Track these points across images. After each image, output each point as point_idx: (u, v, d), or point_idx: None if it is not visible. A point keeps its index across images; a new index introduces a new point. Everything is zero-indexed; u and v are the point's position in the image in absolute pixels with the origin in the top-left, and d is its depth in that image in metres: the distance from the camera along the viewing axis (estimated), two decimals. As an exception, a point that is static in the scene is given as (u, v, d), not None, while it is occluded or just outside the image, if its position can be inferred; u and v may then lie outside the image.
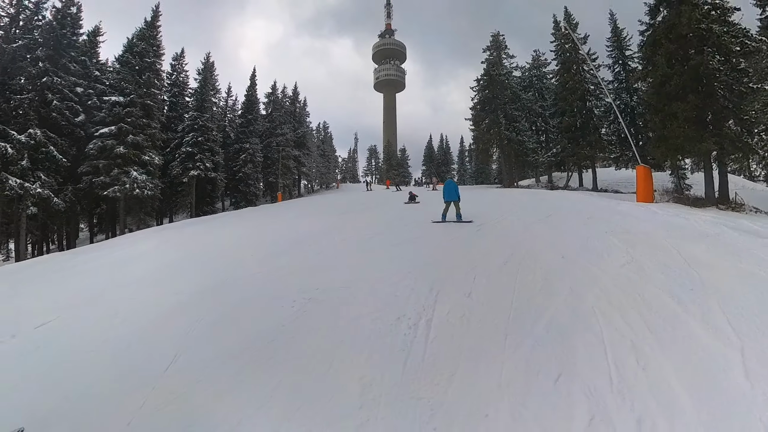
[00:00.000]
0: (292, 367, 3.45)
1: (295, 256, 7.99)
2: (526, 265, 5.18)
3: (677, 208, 10.84)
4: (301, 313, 4.64)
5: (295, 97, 33.87)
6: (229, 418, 2.88)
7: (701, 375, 2.65)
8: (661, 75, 13.54)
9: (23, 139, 19.30)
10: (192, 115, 22.95)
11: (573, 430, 2.20)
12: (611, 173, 23.97)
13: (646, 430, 2.19)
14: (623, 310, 3.63)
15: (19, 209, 19.69)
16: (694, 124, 12.98)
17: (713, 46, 13.11)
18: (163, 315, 5.43)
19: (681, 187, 17.03)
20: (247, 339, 4.14)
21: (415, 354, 3.24)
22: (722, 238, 6.30)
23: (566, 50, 23.93)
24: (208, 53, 26.23)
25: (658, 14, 15.19)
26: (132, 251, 13.25)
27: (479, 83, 26.55)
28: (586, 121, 21.93)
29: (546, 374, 2.72)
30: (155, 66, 21.94)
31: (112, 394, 3.51)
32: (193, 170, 21.89)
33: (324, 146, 40.08)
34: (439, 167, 42.33)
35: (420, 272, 5.34)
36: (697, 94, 13.09)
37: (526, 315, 3.65)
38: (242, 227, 14.54)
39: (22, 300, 8.28)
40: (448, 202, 9.71)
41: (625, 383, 2.58)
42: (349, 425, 2.57)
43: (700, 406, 2.35)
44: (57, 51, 20.11)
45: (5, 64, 19.38)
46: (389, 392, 2.83)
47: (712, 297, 3.85)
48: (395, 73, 79.45)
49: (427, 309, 4.06)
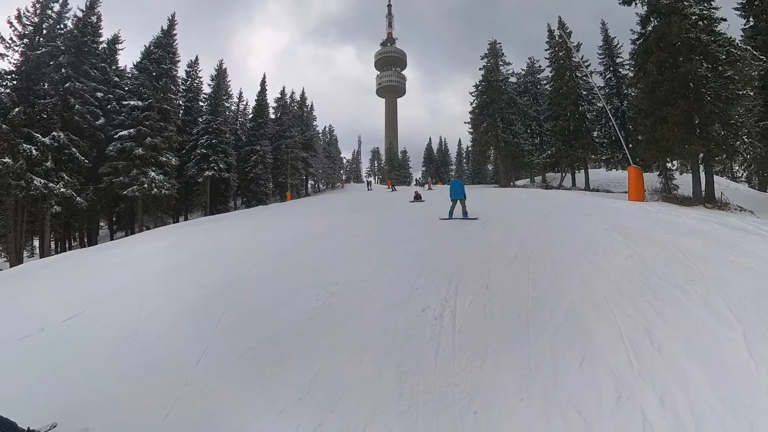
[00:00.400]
0: (325, 358, 3.37)
1: (311, 251, 7.90)
2: (535, 258, 5.25)
3: (667, 207, 10.94)
4: (326, 306, 4.57)
5: (302, 102, 33.91)
6: (269, 411, 2.75)
7: (710, 355, 2.76)
8: (652, 81, 13.61)
9: (47, 142, 19.30)
10: (206, 118, 22.95)
11: (604, 408, 2.29)
12: (602, 174, 24.06)
13: (668, 405, 2.28)
14: (633, 298, 3.73)
15: (44, 208, 19.70)
16: (683, 127, 13.07)
17: (701, 54, 13.17)
18: (188, 309, 5.25)
19: (669, 187, 17.13)
20: (275, 332, 4.04)
21: (445, 343, 3.28)
22: (714, 234, 6.40)
23: (560, 57, 23.98)
24: (220, 60, 26.29)
25: (649, 24, 15.24)
26: (152, 248, 13.22)
27: (477, 88, 26.60)
28: (578, 125, 22.01)
29: (570, 358, 2.80)
30: (171, 72, 21.91)
31: (145, 387, 3.37)
32: (207, 171, 21.92)
33: (330, 148, 40.17)
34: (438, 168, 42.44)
35: (436, 266, 5.38)
36: (685, 100, 13.17)
37: (544, 304, 3.73)
38: (256, 225, 14.43)
39: (49, 294, 8.09)
40: (455, 200, 9.78)
41: (644, 364, 2.68)
42: (392, 413, 2.54)
43: (712, 383, 2.46)
44: (78, 58, 20.08)
45: (30, 70, 19.34)
46: (426, 380, 2.82)
47: (711, 286, 3.95)
48: (396, 80, 79.48)
49: (449, 300, 4.13)
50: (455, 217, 9.54)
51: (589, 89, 22.39)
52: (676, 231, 6.54)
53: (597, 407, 2.30)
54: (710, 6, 14.24)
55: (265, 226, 13.83)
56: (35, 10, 19.47)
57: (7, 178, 17.97)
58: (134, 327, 4.89)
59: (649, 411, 2.24)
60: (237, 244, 11.01)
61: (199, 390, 3.18)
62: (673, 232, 6.46)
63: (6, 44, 19.03)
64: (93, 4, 20.76)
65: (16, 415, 2.72)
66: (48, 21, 19.56)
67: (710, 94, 12.97)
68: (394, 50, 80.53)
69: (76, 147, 20.03)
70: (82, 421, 2.98)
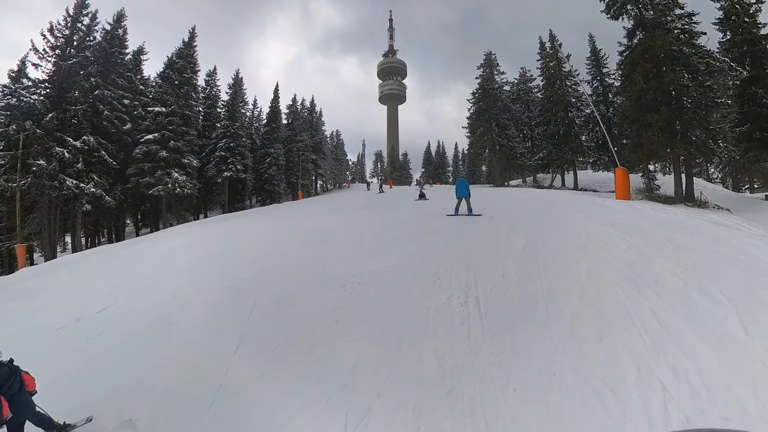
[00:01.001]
0: (364, 345, 3.28)
1: (331, 245, 7.81)
2: (543, 250, 5.35)
3: (652, 205, 11.03)
4: (355, 295, 4.50)
5: (312, 109, 33.94)
6: (317, 397, 2.61)
7: (711, 332, 2.91)
8: (638, 90, 13.70)
9: (78, 145, 19.30)
10: (224, 123, 22.98)
11: (627, 379, 2.42)
12: (589, 175, 24.19)
13: (681, 375, 2.42)
14: (637, 284, 3.86)
15: (75, 206, 19.74)
16: (666, 132, 13.19)
17: (683, 65, 13.28)
18: (220, 300, 5.09)
19: (651, 187, 17.26)
20: (308, 321, 3.91)
21: (475, 327, 3.35)
22: (701, 229, 6.54)
23: (551, 67, 24.05)
24: (237, 70, 26.25)
25: (635, 37, 15.32)
26: (178, 242, 13.13)
27: (474, 96, 26.66)
28: (568, 130, 22.12)
29: (590, 337, 2.94)
30: (192, 81, 21.90)
31: (186, 376, 3.19)
32: (226, 172, 21.97)
33: (337, 151, 40.25)
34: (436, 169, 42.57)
35: (453, 258, 5.44)
36: (669, 107, 13.29)
37: (558, 291, 3.86)
38: (274, 221, 14.28)
39: (83, 286, 7.94)
40: (460, 197, 9.82)
41: (655, 341, 2.82)
42: (438, 393, 2.53)
43: (716, 356, 2.61)
44: (107, 67, 20.07)
45: (62, 79, 19.31)
46: (463, 362, 2.85)
47: (703, 274, 4.08)
48: (397, 88, 79.71)
49: (471, 288, 4.23)
50: (461, 213, 9.60)
51: (577, 97, 22.49)
52: (666, 226, 6.66)
53: (620, 379, 2.43)
54: (691, 21, 14.33)
55: (283, 222, 13.71)
56: (66, 23, 19.43)
57: (42, 179, 18.00)
58: (168, 317, 4.75)
59: (666, 381, 2.38)
60: (259, 238, 10.85)
61: (242, 378, 3.04)
62: (664, 227, 6.58)
63: (39, 55, 19.04)
64: (120, 18, 20.73)
65: (55, 406, 2.68)
66: (78, 33, 19.52)
67: (691, 101, 13.10)
68: (395, 61, 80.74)
69: (104, 150, 20.04)
70: (124, 412, 2.81)
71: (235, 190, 23.73)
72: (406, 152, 47.95)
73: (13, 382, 2.36)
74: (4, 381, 2.32)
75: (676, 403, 2.18)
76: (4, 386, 2.31)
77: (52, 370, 3.43)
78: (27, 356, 3.21)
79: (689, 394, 2.25)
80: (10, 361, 2.45)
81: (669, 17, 14.15)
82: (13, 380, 2.37)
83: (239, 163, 22.54)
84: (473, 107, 26.65)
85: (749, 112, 13.90)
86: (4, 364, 2.40)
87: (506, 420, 2.25)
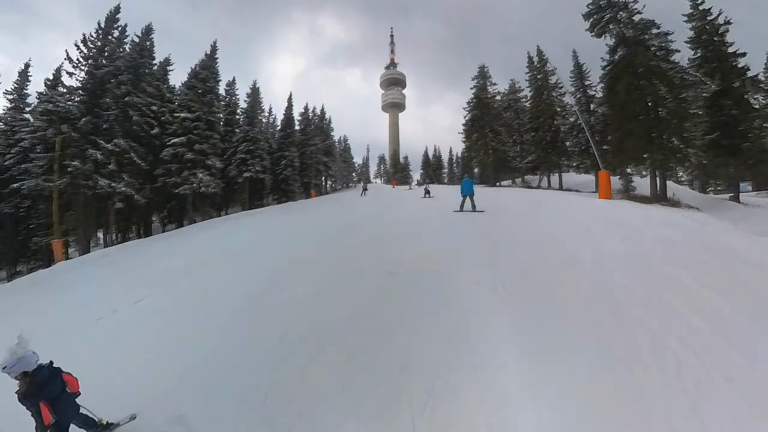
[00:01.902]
0: (432, 325, 3.18)
1: (356, 236, 7.75)
2: (549, 241, 5.57)
3: (632, 204, 11.22)
4: (402, 282, 4.37)
5: (322, 116, 34.12)
6: (376, 386, 2.41)
7: (705, 305, 3.14)
8: (621, 101, 14.04)
9: (110, 147, 19.24)
10: (244, 128, 22.99)
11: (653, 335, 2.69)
12: (573, 177, 24.58)
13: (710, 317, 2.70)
14: (636, 268, 4.14)
15: (108, 204, 19.72)
16: (645, 139, 13.56)
17: (660, 79, 13.63)
18: (257, 291, 4.81)
19: (628, 188, 17.67)
20: (357, 307, 3.72)
21: (512, 306, 3.47)
22: (682, 224, 6.80)
23: (538, 80, 24.36)
24: (254, 81, 26.37)
25: (616, 53, 15.64)
26: (206, 236, 13.05)
27: (470, 105, 26.92)
28: (554, 136, 22.47)
29: (610, 313, 3.18)
30: (215, 90, 21.86)
31: (231, 369, 2.92)
32: (246, 172, 22.04)
33: (345, 154, 40.53)
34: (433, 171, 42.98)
35: (474, 248, 5.60)
36: (648, 116, 13.65)
37: (571, 275, 4.10)
38: (295, 216, 14.17)
39: (117, 279, 7.79)
40: (465, 196, 9.97)
41: (667, 309, 3.11)
42: (493, 365, 2.57)
43: (734, 311, 2.91)
44: (136, 76, 19.98)
45: (95, 86, 19.22)
46: (513, 337, 2.88)
47: (688, 260, 4.30)
48: (398, 97, 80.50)
49: (495, 274, 4.35)
50: (466, 210, 9.76)
51: (563, 107, 22.85)
52: (651, 222, 6.87)
53: (648, 333, 2.71)
54: (667, 39, 14.65)
55: (304, 216, 13.62)
56: (98, 35, 19.31)
57: (78, 179, 17.98)
58: (205, 308, 4.45)
59: (698, 324, 2.68)
60: (286, 231, 10.74)
61: (299, 369, 2.77)
62: (650, 222, 6.81)
63: (74, 64, 18.91)
64: (148, 32, 20.63)
65: (96, 403, 2.38)
66: (110, 44, 19.41)
67: (668, 112, 13.47)
68: (396, 73, 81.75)
69: (134, 152, 19.99)
70: (173, 407, 2.51)
71: (255, 189, 23.83)
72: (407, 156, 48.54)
73: (54, 384, 2.08)
74: (45, 384, 2.04)
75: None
76: (45, 389, 2.03)
77: (94, 365, 3.16)
78: (68, 350, 3.03)
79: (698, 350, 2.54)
80: (50, 363, 2.15)
81: (647, 35, 14.49)
82: (55, 383, 2.09)
83: (258, 165, 22.62)
84: (469, 115, 26.92)
85: (718, 122, 14.31)
86: (44, 366, 2.11)
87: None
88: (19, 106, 20.79)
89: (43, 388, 2.02)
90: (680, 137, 13.14)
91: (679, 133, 13.12)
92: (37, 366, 2.07)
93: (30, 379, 2.01)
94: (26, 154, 18.74)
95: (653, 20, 14.30)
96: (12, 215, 19.55)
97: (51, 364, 2.17)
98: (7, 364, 1.99)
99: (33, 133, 18.50)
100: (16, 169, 18.66)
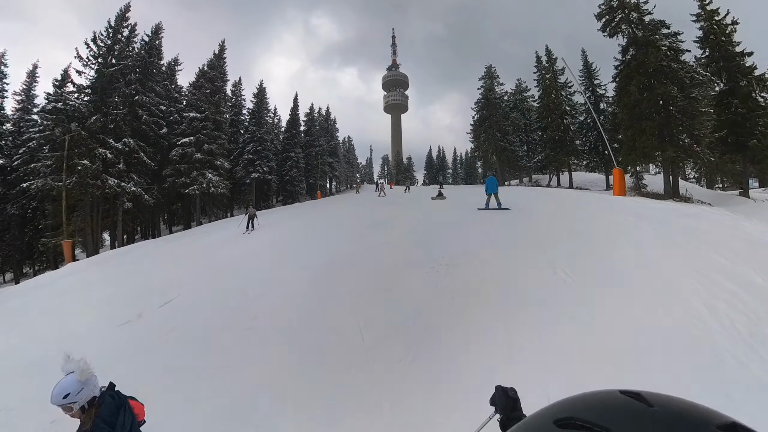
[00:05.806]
0: (497, 309, 3.72)
1: (386, 234, 7.96)
2: (587, 232, 6.01)
3: (649, 200, 11.63)
4: (451, 275, 4.74)
5: (327, 116, 34.63)
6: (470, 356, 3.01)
7: (739, 277, 3.63)
8: (633, 100, 14.67)
9: (119, 147, 19.61)
10: (251, 129, 23.46)
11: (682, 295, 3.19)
12: (581, 175, 25.17)
13: (745, 294, 3.19)
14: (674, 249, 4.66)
15: (117, 204, 20.03)
16: (657, 137, 14.18)
17: (672, 78, 14.27)
18: (298, 290, 4.90)
19: (640, 186, 18.26)
20: (416, 306, 4.08)
21: (564, 289, 4.07)
22: (701, 216, 7.25)
23: (546, 79, 25.05)
24: (261, 81, 26.89)
25: (628, 53, 16.31)
26: (220, 236, 13.22)
27: (477, 105, 27.61)
28: (564, 135, 23.13)
29: (663, 286, 3.69)
30: (223, 89, 22.35)
31: (307, 378, 2.93)
32: (254, 173, 22.46)
33: (348, 155, 41.05)
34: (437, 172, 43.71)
35: (513, 242, 6.03)
36: (659, 115, 14.29)
37: (617, 265, 4.52)
38: (310, 216, 14.07)
39: (135, 280, 7.65)
40: (490, 194, 10.33)
41: (710, 280, 3.62)
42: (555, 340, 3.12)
43: (765, 281, 3.41)
44: (145, 75, 20.42)
45: (103, 85, 19.62)
46: (564, 310, 3.52)
47: (715, 244, 4.81)
48: (400, 98, 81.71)
49: (545, 262, 4.88)
50: (491, 207, 10.10)
51: (572, 106, 23.54)
52: (672, 214, 7.32)
53: (674, 296, 3.21)
54: (676, 39, 15.35)
55: (320, 216, 13.57)
56: (108, 33, 19.74)
57: (87, 178, 18.29)
58: (253, 311, 4.30)
59: (738, 291, 3.17)
60: (307, 230, 10.80)
61: (366, 362, 3.01)
62: (671, 215, 7.26)
63: (84, 62, 19.33)
64: (158, 31, 21.10)
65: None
66: (119, 44, 19.83)
67: (679, 110, 14.12)
68: (398, 74, 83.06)
69: (143, 152, 20.37)
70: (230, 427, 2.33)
71: (261, 190, 24.24)
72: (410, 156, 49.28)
73: (125, 417, 1.52)
74: (113, 417, 1.49)
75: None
76: (117, 425, 1.48)
77: (128, 376, 2.68)
78: (95, 360, 2.44)
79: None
80: (110, 387, 1.60)
81: (658, 36, 15.18)
82: (125, 414, 1.52)
83: (265, 165, 23.06)
84: (477, 115, 27.62)
85: (725, 120, 14.97)
86: (106, 393, 1.55)
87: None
88: (27, 107, 21.12)
89: (113, 425, 1.47)
90: (691, 135, 13.75)
91: (689, 132, 13.73)
92: (100, 392, 1.55)
93: (96, 410, 1.47)
94: (33, 155, 19.07)
95: (663, 20, 15.00)
96: (19, 216, 19.80)
97: (112, 387, 1.61)
98: (71, 391, 1.43)
99: (41, 132, 18.80)
100: (23, 169, 18.97)
